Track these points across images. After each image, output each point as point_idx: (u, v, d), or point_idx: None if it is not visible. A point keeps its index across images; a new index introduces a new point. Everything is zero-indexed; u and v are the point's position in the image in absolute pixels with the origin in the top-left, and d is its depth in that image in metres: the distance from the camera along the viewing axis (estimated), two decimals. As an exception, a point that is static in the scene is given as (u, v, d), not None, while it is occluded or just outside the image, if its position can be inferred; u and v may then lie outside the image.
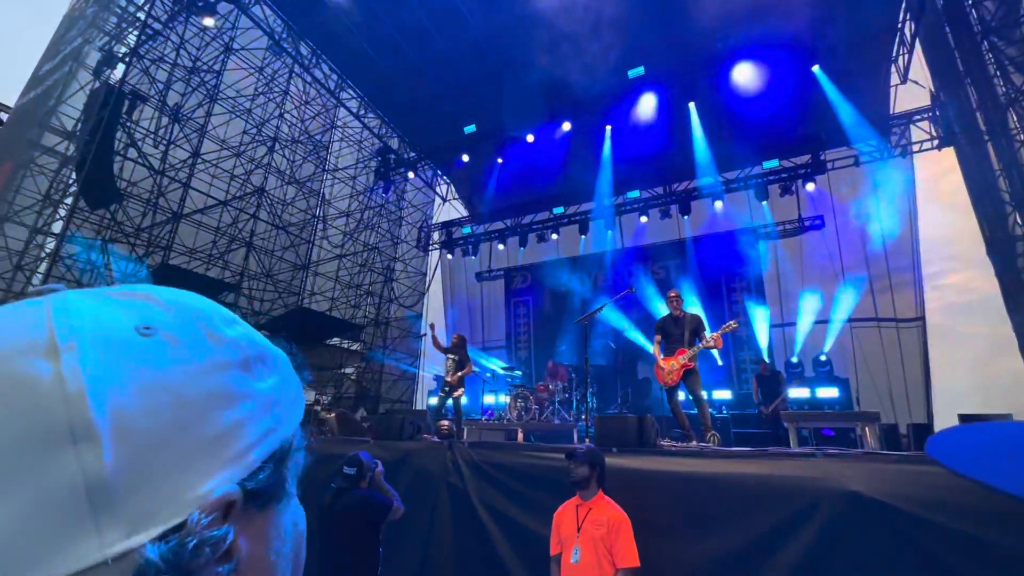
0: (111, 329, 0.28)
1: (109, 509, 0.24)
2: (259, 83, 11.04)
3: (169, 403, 0.27)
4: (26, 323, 0.27)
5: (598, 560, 2.56)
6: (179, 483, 0.26)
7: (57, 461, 0.23)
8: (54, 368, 0.25)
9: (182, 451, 0.27)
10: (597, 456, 2.87)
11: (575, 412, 7.09)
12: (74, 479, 0.23)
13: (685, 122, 10.41)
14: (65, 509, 0.23)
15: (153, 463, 0.26)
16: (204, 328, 0.32)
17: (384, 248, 14.55)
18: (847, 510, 2.59)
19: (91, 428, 0.24)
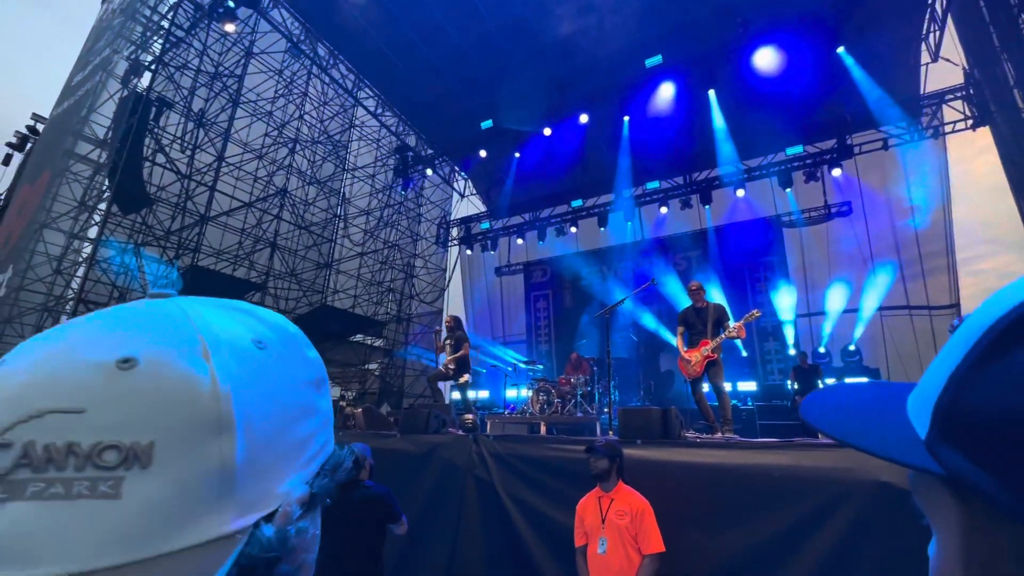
0: (238, 340, 0.33)
1: (230, 493, 0.28)
2: (279, 85, 11.24)
3: (276, 411, 0.32)
4: (180, 327, 0.31)
5: (624, 549, 2.61)
6: (273, 479, 0.32)
7: (207, 447, 0.28)
8: (210, 369, 0.30)
9: (278, 452, 0.32)
10: (615, 449, 2.94)
11: (597, 405, 7.09)
12: (213, 464, 0.28)
13: (705, 110, 10.21)
14: (205, 488, 0.27)
15: (261, 459, 0.31)
16: (299, 349, 0.37)
17: (404, 245, 14.71)
18: (878, 501, 2.55)
19: (232, 423, 0.29)
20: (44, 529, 0.25)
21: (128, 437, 0.26)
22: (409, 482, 4.21)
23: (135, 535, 0.25)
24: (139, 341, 0.30)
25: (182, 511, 0.27)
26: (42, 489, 0.25)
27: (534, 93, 10.47)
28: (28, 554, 0.24)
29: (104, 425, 0.26)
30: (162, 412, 0.28)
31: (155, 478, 0.26)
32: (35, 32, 44.19)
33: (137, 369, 0.28)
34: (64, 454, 0.26)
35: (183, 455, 0.27)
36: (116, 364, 0.28)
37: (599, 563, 2.67)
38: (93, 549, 0.25)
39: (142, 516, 0.26)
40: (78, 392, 0.27)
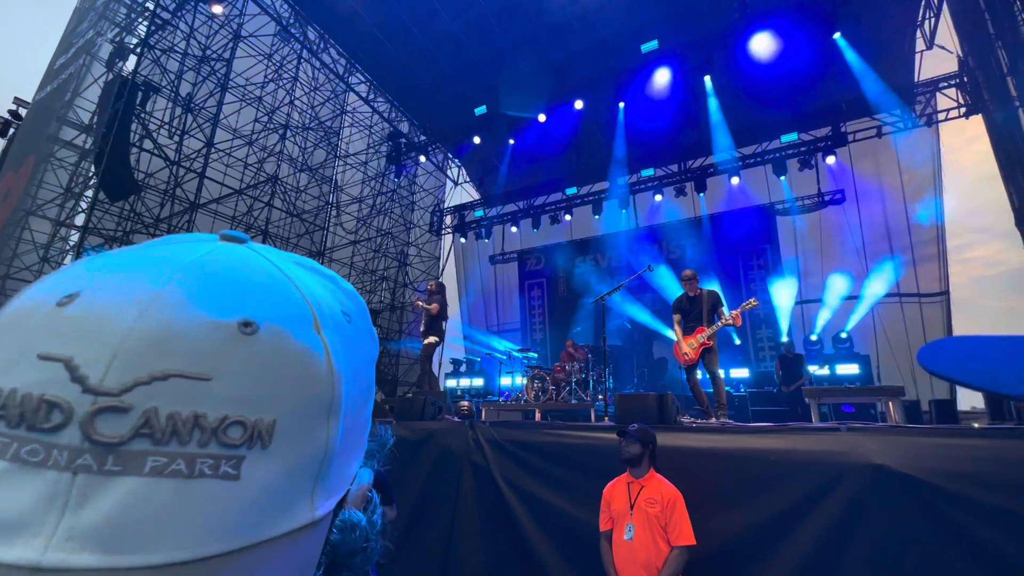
0: (333, 312, 0.30)
1: (323, 479, 0.27)
2: (268, 70, 11.03)
3: (359, 391, 0.30)
4: (288, 293, 0.28)
5: (653, 538, 2.59)
6: (350, 462, 0.30)
7: (319, 429, 0.26)
8: (324, 345, 0.27)
9: (355, 435, 0.30)
10: (649, 435, 2.88)
11: (592, 392, 7.13)
12: (320, 447, 0.26)
13: (700, 97, 10.16)
14: (308, 472, 0.26)
15: (347, 443, 0.29)
16: (368, 323, 0.35)
17: (397, 233, 14.61)
18: (872, 483, 2.59)
19: (340, 406, 0.27)
20: (158, 511, 0.22)
21: (253, 413, 0.24)
22: (406, 468, 4.22)
23: (248, 520, 0.23)
24: (253, 302, 0.27)
25: (288, 496, 0.25)
26: (163, 465, 0.22)
27: (529, 78, 10.35)
28: (133, 538, 0.21)
29: (231, 397, 0.24)
30: (285, 388, 0.25)
31: (273, 460, 0.24)
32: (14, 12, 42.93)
33: (259, 336, 0.25)
34: (190, 427, 0.23)
35: (299, 437, 0.25)
36: (239, 326, 0.25)
37: (625, 549, 2.64)
38: (206, 534, 0.22)
39: (258, 500, 0.24)
40: (204, 355, 0.24)
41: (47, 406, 0.22)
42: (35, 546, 0.20)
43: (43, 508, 0.21)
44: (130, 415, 0.22)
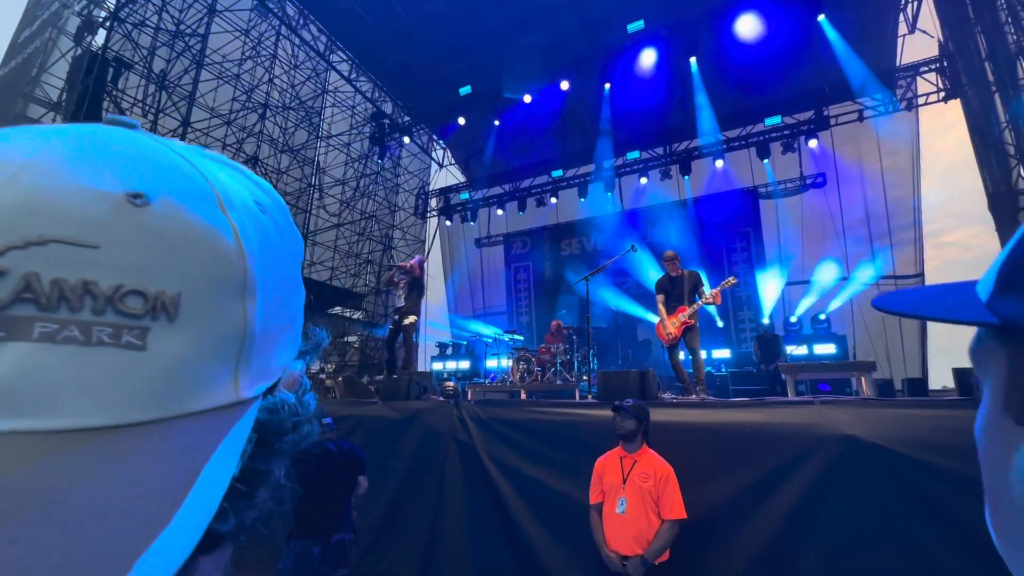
0: (243, 199, 0.29)
1: (247, 360, 0.26)
2: (246, 47, 10.70)
3: (280, 280, 0.30)
4: (185, 172, 0.27)
5: (645, 511, 2.64)
6: (275, 351, 0.29)
7: (232, 307, 0.26)
8: (231, 225, 0.27)
9: (280, 324, 0.30)
10: (643, 411, 2.91)
11: (576, 373, 7.21)
12: (237, 326, 0.26)
13: (686, 79, 10.15)
14: (227, 350, 0.25)
15: (270, 329, 0.28)
16: (288, 219, 0.34)
17: (382, 216, 14.44)
18: (843, 453, 2.69)
19: (255, 286, 0.27)
20: (57, 376, 0.21)
21: (153, 284, 0.23)
22: (392, 447, 4.25)
23: (161, 391, 0.23)
24: (143, 176, 0.25)
25: (205, 371, 0.24)
26: (53, 331, 0.21)
27: (514, 58, 10.21)
28: (42, 402, 0.21)
29: (124, 265, 0.23)
30: (188, 261, 0.24)
31: (182, 333, 0.24)
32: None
33: (152, 209, 0.24)
34: (80, 293, 0.22)
35: (209, 312, 0.25)
36: (127, 197, 0.24)
37: (617, 522, 2.69)
38: (118, 402, 0.22)
39: (169, 372, 0.23)
40: (87, 223, 0.23)
41: None
42: None
43: None
44: (7, 279, 0.21)
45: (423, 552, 3.87)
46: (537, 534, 3.46)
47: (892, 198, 10.26)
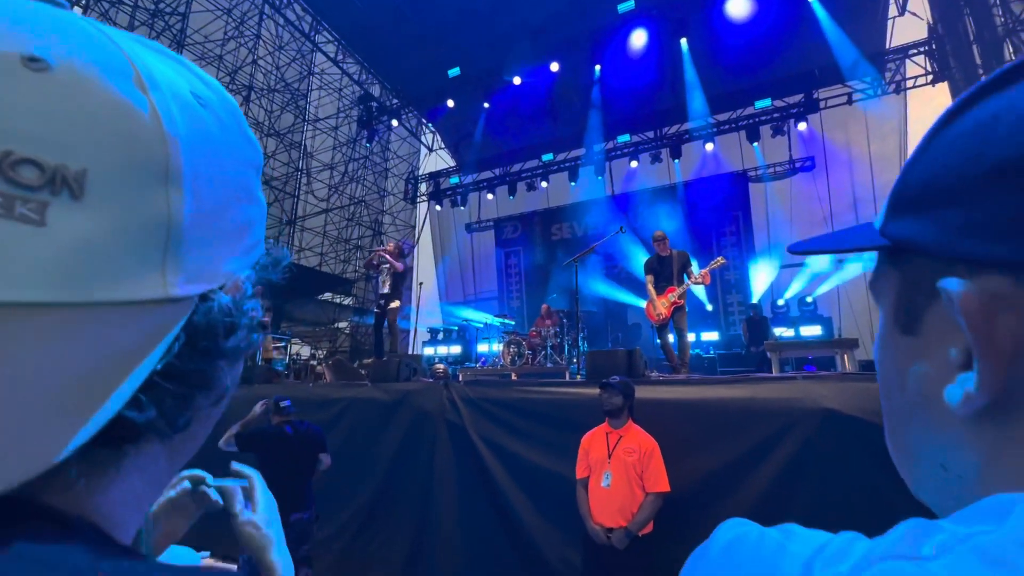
0: (176, 87, 0.27)
1: (175, 256, 0.25)
2: (228, 27, 10.43)
3: (221, 180, 0.28)
4: (101, 44, 0.25)
5: (629, 484, 2.70)
6: (217, 255, 0.28)
7: (152, 193, 0.24)
8: (149, 103, 0.25)
9: (223, 228, 0.29)
10: (630, 387, 2.97)
11: (567, 355, 7.27)
12: (159, 214, 0.24)
13: (677, 61, 10.08)
14: (146, 239, 0.24)
15: (207, 228, 0.27)
16: (238, 122, 0.32)
17: (371, 201, 14.31)
18: (823, 425, 2.75)
19: (181, 176, 0.25)
20: None
21: (51, 155, 0.21)
22: (382, 428, 4.27)
23: (65, 273, 0.21)
24: (47, 42, 0.23)
25: (123, 260, 0.23)
26: None
27: (503, 39, 10.06)
28: None
29: (14, 131, 0.21)
30: (94, 136, 0.23)
31: (89, 213, 0.22)
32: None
33: (52, 75, 0.22)
34: None
35: (124, 195, 0.23)
36: (22, 60, 0.22)
37: (602, 495, 2.76)
38: (17, 277, 0.20)
39: (73, 253, 0.22)
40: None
41: None
42: None
43: None
44: None
45: (414, 531, 3.92)
46: (525, 510, 3.52)
47: (880, 183, 10.34)
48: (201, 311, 0.27)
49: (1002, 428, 0.23)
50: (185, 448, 0.31)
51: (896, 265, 0.29)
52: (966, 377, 0.23)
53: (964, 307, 0.23)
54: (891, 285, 0.30)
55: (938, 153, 0.26)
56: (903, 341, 0.29)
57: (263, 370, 6.08)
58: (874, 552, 0.21)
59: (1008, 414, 0.23)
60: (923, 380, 0.27)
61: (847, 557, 0.22)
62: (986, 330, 0.22)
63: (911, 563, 0.20)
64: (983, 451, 0.24)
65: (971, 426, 0.24)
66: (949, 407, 0.24)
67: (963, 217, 0.23)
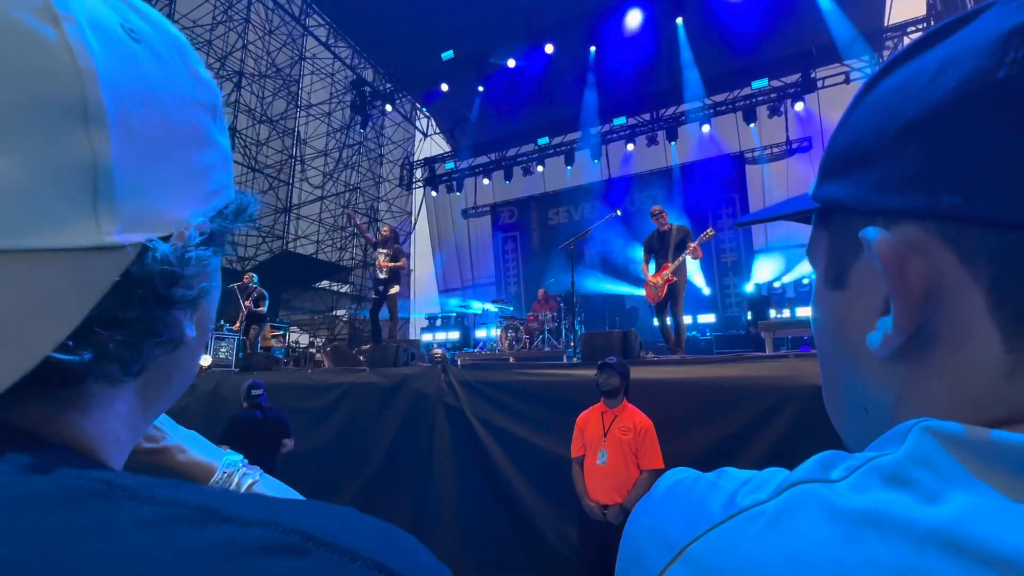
0: (100, 18, 0.25)
1: (109, 202, 0.24)
2: (216, 11, 10.24)
3: (160, 121, 0.27)
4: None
5: (624, 462, 2.76)
6: (163, 201, 0.27)
7: (69, 134, 0.23)
8: (58, 35, 0.23)
9: (168, 173, 0.27)
10: (626, 368, 3.02)
11: (564, 339, 7.31)
12: (84, 158, 0.23)
13: (673, 41, 9.95)
14: (70, 183, 0.23)
15: (146, 172, 0.26)
16: (185, 59, 0.30)
17: (366, 188, 14.22)
18: (815, 402, 2.79)
19: (102, 114, 0.23)
20: None
21: None
22: (380, 412, 4.31)
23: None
24: None
25: (46, 204, 0.22)
26: None
27: (497, 20, 9.90)
28: None
29: None
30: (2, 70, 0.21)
31: (2, 155, 0.21)
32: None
33: None
34: None
35: (36, 136, 0.22)
36: None
37: (597, 473, 2.81)
38: None
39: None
40: None
41: None
42: None
43: None
44: None
45: (413, 511, 3.99)
46: (522, 488, 3.58)
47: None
48: (138, 260, 0.26)
49: (911, 367, 0.25)
50: (158, 393, 0.31)
51: (826, 226, 0.31)
52: (885, 320, 0.25)
53: (881, 253, 0.24)
54: (822, 246, 0.32)
55: (859, 119, 0.28)
56: (832, 296, 0.30)
57: (262, 358, 6.11)
58: (790, 479, 0.24)
59: (916, 353, 0.25)
60: (849, 329, 0.29)
61: (767, 485, 0.24)
62: (900, 274, 0.24)
63: (821, 485, 0.22)
64: (895, 390, 0.26)
65: (887, 368, 0.27)
66: (870, 352, 0.27)
67: (879, 174, 0.25)
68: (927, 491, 0.19)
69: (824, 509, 0.21)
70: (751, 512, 0.23)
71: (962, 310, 0.23)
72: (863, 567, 0.18)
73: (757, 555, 0.21)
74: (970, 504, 0.18)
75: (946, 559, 0.17)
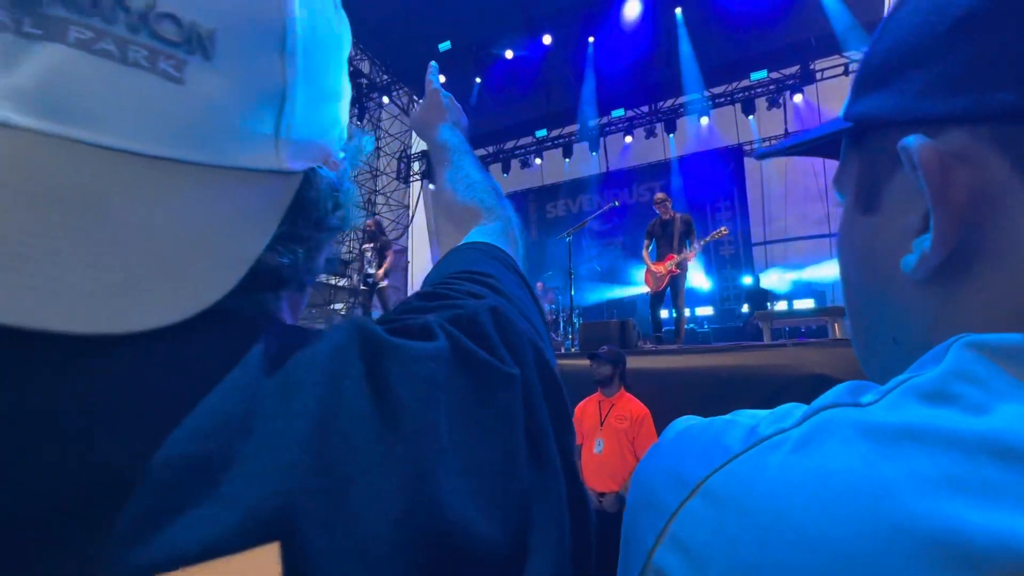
0: None
1: (287, 130, 0.26)
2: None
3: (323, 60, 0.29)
4: None
5: (621, 451, 2.77)
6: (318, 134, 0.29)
7: (269, 61, 0.24)
8: None
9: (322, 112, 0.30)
10: (619, 356, 3.02)
11: (562, 332, 7.31)
12: (276, 86, 0.25)
13: (672, 31, 9.88)
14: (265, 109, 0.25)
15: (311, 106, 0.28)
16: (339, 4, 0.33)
17: (363, 181, 14.13)
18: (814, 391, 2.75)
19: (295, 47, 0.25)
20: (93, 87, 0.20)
21: (185, 11, 0.22)
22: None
23: (199, 133, 0.22)
24: None
25: (246, 126, 0.24)
26: (90, 39, 0.20)
27: (495, 11, 9.82)
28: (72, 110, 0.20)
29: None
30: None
31: (218, 75, 0.23)
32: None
33: None
34: (112, 3, 0.21)
35: (246, 60, 0.24)
36: None
37: (594, 461, 2.83)
38: (158, 133, 0.21)
39: (209, 114, 0.23)
40: None
41: None
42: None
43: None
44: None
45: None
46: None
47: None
48: (307, 185, 0.28)
49: (947, 287, 0.24)
50: (297, 311, 0.34)
51: (858, 146, 0.29)
52: (922, 239, 0.23)
53: (922, 161, 0.22)
54: (853, 171, 0.30)
55: (900, 21, 0.25)
56: (864, 222, 0.29)
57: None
58: (815, 405, 0.22)
59: (954, 272, 0.23)
60: (880, 255, 0.27)
61: (790, 415, 0.23)
62: (943, 183, 0.22)
63: (852, 408, 0.21)
64: (929, 315, 0.25)
65: (921, 292, 0.25)
66: (902, 278, 0.25)
67: (923, 77, 0.23)
68: (972, 404, 0.18)
69: (857, 428, 0.19)
70: (773, 440, 0.21)
71: (1012, 220, 0.21)
72: (905, 480, 0.16)
73: (783, 480, 0.19)
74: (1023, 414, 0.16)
75: (1001, 466, 0.15)
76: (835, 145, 0.33)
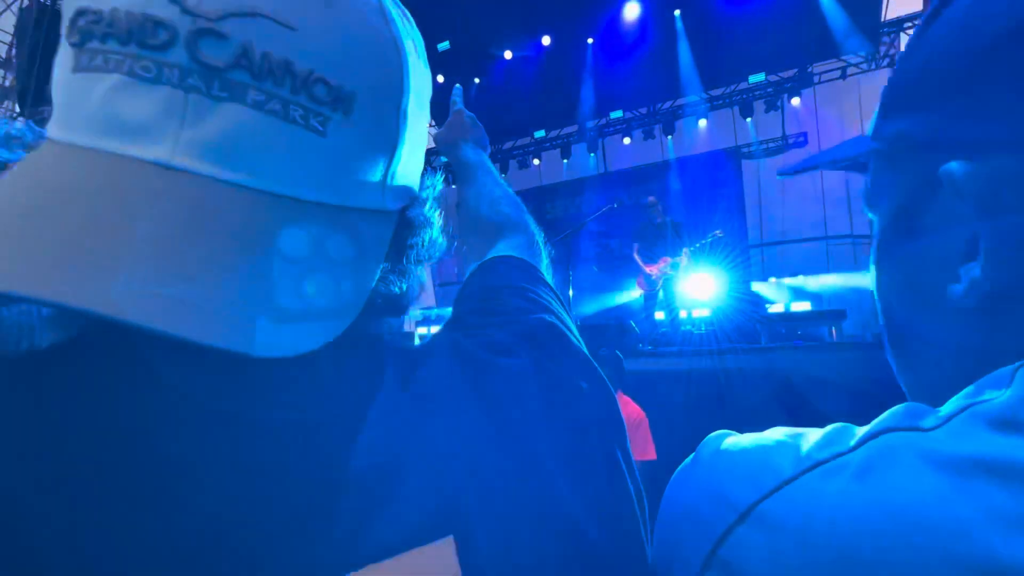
0: (404, 26, 0.32)
1: (392, 174, 0.30)
2: None
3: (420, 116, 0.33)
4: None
5: None
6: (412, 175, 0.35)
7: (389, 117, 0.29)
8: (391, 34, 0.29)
9: (415, 157, 0.34)
10: (616, 359, 3.00)
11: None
12: (392, 139, 0.29)
13: (671, 33, 9.91)
14: (379, 159, 0.29)
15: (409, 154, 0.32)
16: (425, 58, 0.38)
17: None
18: (812, 394, 2.79)
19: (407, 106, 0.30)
20: (262, 141, 0.24)
21: (334, 76, 0.25)
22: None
23: (332, 180, 0.26)
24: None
25: (364, 172, 0.28)
26: (263, 100, 0.24)
27: (494, 11, 9.82)
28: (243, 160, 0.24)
29: (315, 52, 0.25)
30: (363, 62, 0.27)
31: (353, 130, 0.27)
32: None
33: (337, 5, 0.26)
34: (282, 70, 0.24)
35: (375, 117, 0.28)
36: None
37: None
38: (300, 179, 0.25)
39: (341, 163, 0.27)
40: (288, 4, 0.25)
41: (151, 23, 0.23)
42: (164, 149, 0.23)
43: (163, 119, 0.23)
44: (229, 43, 0.23)
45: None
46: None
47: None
48: (402, 222, 0.33)
49: (999, 314, 0.23)
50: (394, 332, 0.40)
51: (893, 167, 0.28)
52: (970, 266, 0.23)
53: (968, 189, 0.22)
54: (888, 191, 0.29)
55: (932, 41, 0.25)
56: (904, 248, 0.28)
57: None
58: (875, 428, 0.22)
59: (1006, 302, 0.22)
60: (925, 280, 0.26)
61: (843, 437, 0.22)
62: (991, 210, 0.21)
63: (915, 433, 0.19)
64: (978, 338, 0.24)
65: (970, 320, 0.24)
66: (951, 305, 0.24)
67: (961, 100, 0.22)
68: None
69: (924, 458, 0.18)
70: (831, 465, 0.21)
71: None
72: (984, 519, 0.15)
73: (847, 511, 0.18)
74: None
75: None
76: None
